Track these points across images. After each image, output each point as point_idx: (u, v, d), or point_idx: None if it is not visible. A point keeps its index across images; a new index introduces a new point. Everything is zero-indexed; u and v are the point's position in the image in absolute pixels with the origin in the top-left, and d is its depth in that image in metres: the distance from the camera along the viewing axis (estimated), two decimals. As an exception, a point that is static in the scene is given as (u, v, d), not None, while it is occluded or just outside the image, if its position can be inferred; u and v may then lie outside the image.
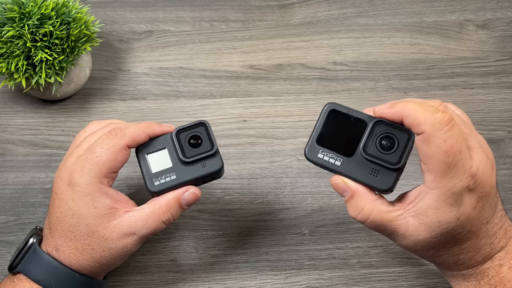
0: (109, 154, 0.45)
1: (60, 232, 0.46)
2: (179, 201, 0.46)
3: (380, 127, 0.42)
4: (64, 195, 0.45)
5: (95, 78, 0.69)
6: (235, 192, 0.61)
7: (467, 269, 0.44)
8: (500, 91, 0.69)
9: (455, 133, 0.38)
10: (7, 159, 0.63)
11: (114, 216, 0.45)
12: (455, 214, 0.40)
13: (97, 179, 0.45)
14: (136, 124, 0.47)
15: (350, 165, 0.43)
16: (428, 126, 0.38)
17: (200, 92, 0.68)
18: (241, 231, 0.59)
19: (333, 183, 0.44)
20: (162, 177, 0.46)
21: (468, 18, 0.75)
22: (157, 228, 0.46)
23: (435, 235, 0.41)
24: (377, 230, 0.43)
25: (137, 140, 0.46)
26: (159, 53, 0.71)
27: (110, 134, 0.46)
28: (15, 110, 0.67)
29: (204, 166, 0.47)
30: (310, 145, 0.44)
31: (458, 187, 0.39)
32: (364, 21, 0.74)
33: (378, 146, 0.42)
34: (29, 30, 0.58)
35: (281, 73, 0.70)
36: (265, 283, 0.56)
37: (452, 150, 0.38)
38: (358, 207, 0.42)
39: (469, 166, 0.39)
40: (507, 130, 0.66)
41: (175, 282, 0.56)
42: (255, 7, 0.75)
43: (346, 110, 0.44)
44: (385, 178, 0.42)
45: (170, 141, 0.47)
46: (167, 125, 0.48)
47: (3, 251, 0.57)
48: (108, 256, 0.46)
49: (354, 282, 0.56)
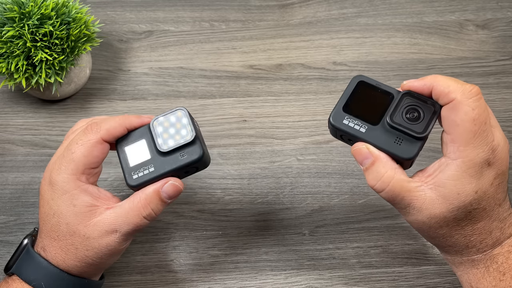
0: (84, 150, 0.44)
1: (45, 232, 0.45)
2: (159, 194, 0.44)
3: (407, 99, 0.43)
4: (46, 194, 0.45)
5: (95, 78, 0.69)
6: (235, 192, 0.61)
7: (477, 254, 0.44)
8: (500, 91, 0.69)
9: (483, 104, 0.40)
10: (7, 159, 0.63)
11: (95, 213, 0.44)
12: (474, 187, 0.40)
13: (74, 176, 0.44)
14: (113, 117, 0.46)
15: (375, 133, 0.43)
16: (459, 94, 0.40)
17: (200, 92, 0.68)
18: (241, 231, 0.59)
19: (355, 149, 0.43)
20: (141, 170, 0.44)
21: (468, 18, 0.75)
22: (138, 224, 0.44)
23: (451, 209, 0.41)
24: (393, 200, 0.43)
25: (113, 133, 0.45)
26: (159, 53, 0.71)
27: (85, 130, 0.45)
28: (15, 110, 0.67)
29: (182, 155, 0.44)
30: (336, 112, 0.44)
31: (480, 158, 0.40)
32: (364, 21, 0.74)
33: (404, 116, 0.43)
34: (29, 30, 0.58)
35: (281, 73, 0.70)
36: (265, 283, 0.56)
37: (479, 118, 0.40)
38: (379, 174, 0.42)
39: (491, 140, 0.40)
40: (507, 130, 0.66)
41: (175, 282, 0.56)
42: (255, 7, 0.75)
43: (375, 83, 0.45)
44: (409, 147, 0.42)
45: (148, 131, 0.45)
46: (146, 116, 0.47)
47: (3, 251, 0.57)
48: (93, 255, 0.45)
49: (354, 282, 0.56)
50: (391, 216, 0.60)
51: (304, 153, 0.64)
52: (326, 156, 0.63)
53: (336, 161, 0.63)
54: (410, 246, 0.58)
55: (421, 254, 0.58)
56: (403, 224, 0.59)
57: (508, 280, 0.43)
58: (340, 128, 0.44)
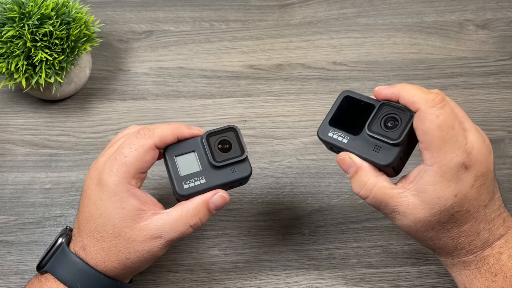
0: (137, 154, 0.45)
1: (88, 231, 0.46)
2: (208, 205, 0.46)
3: (385, 109, 0.45)
4: (93, 194, 0.45)
5: (95, 78, 0.69)
6: (235, 192, 0.61)
7: (467, 255, 0.44)
8: (500, 91, 0.69)
9: (447, 110, 0.41)
10: (7, 159, 0.63)
11: (142, 218, 0.45)
12: (453, 190, 0.41)
13: (125, 179, 0.45)
14: (165, 124, 0.47)
15: (356, 142, 0.45)
16: (422, 104, 0.41)
17: (200, 92, 0.68)
18: (241, 231, 0.59)
19: (339, 159, 0.46)
20: (192, 181, 0.46)
21: (468, 18, 0.75)
22: (184, 232, 0.46)
23: (434, 213, 0.42)
24: (378, 206, 0.45)
25: (165, 140, 0.46)
26: (159, 53, 0.71)
27: (138, 134, 0.46)
28: (15, 110, 0.67)
29: (234, 171, 0.46)
30: (323, 126, 0.47)
31: (454, 162, 0.41)
32: (364, 21, 0.74)
33: (382, 125, 0.45)
34: (29, 30, 0.58)
35: (281, 73, 0.70)
36: (265, 283, 0.56)
37: (445, 124, 0.41)
38: (362, 181, 0.44)
39: (464, 143, 0.41)
40: (507, 130, 0.66)
41: (175, 282, 0.56)
42: (255, 7, 0.75)
43: (359, 96, 0.47)
44: (386, 154, 0.44)
45: (200, 144, 0.47)
46: (196, 128, 0.48)
47: (3, 251, 0.57)
48: (134, 258, 0.45)
49: (354, 282, 0.56)
50: (391, 216, 0.60)
51: (304, 153, 0.64)
52: (326, 156, 0.63)
53: (336, 161, 0.63)
54: (410, 246, 0.58)
55: (421, 254, 0.58)
56: (403, 224, 0.59)
57: (500, 281, 0.43)
58: (326, 140, 0.47)
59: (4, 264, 0.57)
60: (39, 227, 0.59)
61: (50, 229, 0.59)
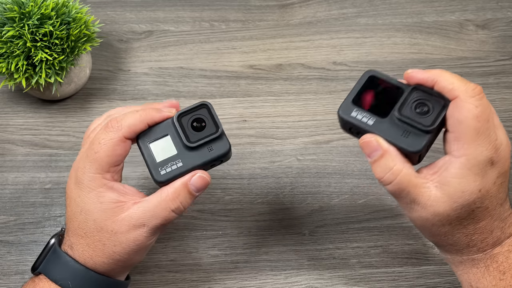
0: (107, 149, 0.44)
1: (73, 230, 0.46)
2: (187, 187, 0.45)
3: (416, 93, 0.43)
4: (72, 193, 0.46)
5: (95, 78, 0.69)
6: (235, 192, 0.61)
7: (477, 253, 0.44)
8: (500, 91, 0.69)
9: (485, 102, 0.40)
10: (7, 159, 0.63)
11: (122, 209, 0.45)
12: (478, 185, 0.40)
13: (99, 175, 0.45)
14: (133, 113, 0.46)
15: (382, 125, 0.43)
16: (462, 92, 0.40)
17: (200, 92, 0.68)
18: (241, 231, 0.59)
19: (364, 141, 0.43)
20: (168, 166, 0.45)
21: (468, 18, 0.75)
22: (166, 217, 0.45)
23: (455, 207, 0.41)
24: (399, 194, 0.43)
25: (135, 130, 0.45)
26: (159, 53, 0.71)
27: (106, 128, 0.45)
28: (15, 110, 0.67)
29: (211, 149, 0.45)
30: (345, 104, 0.44)
31: (484, 156, 0.40)
32: (364, 21, 0.74)
33: (413, 110, 0.43)
34: (29, 30, 0.58)
35: (281, 73, 0.70)
36: (265, 283, 0.56)
37: (482, 116, 0.40)
38: (388, 166, 0.42)
39: (494, 138, 0.41)
40: (507, 130, 0.66)
41: (175, 282, 0.56)
42: (255, 7, 0.75)
43: (385, 77, 0.45)
44: (416, 140, 0.42)
45: (172, 126, 0.45)
46: (166, 110, 0.46)
47: (3, 251, 0.57)
48: (120, 250, 0.45)
49: (354, 282, 0.56)
50: (391, 216, 0.60)
51: (304, 153, 0.64)
52: (326, 156, 0.63)
53: (336, 161, 0.63)
54: (410, 246, 0.58)
55: (421, 254, 0.58)
56: (403, 224, 0.59)
57: (508, 279, 0.43)
58: (348, 120, 0.44)
59: (4, 264, 0.57)
60: (39, 227, 0.59)
61: (50, 229, 0.59)
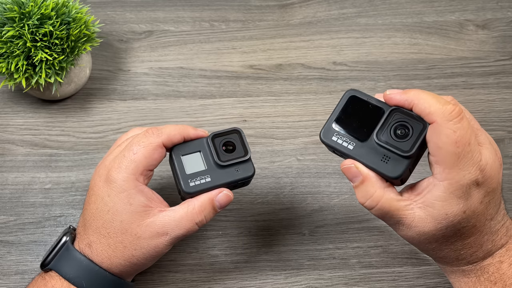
0: (145, 152, 0.46)
1: (94, 228, 0.46)
2: (213, 203, 0.47)
3: (396, 115, 0.42)
4: (101, 191, 0.46)
5: (95, 78, 0.69)
6: (235, 192, 0.61)
7: (467, 265, 0.44)
8: (500, 91, 0.69)
9: (465, 125, 0.39)
10: (7, 159, 0.63)
11: (148, 214, 0.46)
12: (462, 207, 0.40)
13: (133, 176, 0.45)
14: (172, 125, 0.48)
15: (362, 150, 0.43)
16: (439, 116, 0.39)
17: (200, 92, 0.68)
18: (241, 231, 0.59)
19: (344, 167, 0.43)
20: (197, 179, 0.47)
21: (468, 18, 0.75)
22: (189, 229, 0.46)
23: (440, 228, 0.41)
24: (383, 218, 0.43)
25: (173, 140, 0.47)
26: (159, 53, 0.71)
27: (147, 133, 0.47)
28: (15, 110, 0.67)
29: (237, 170, 0.48)
30: (326, 127, 0.45)
31: (467, 180, 0.39)
32: (364, 21, 0.74)
33: (392, 133, 0.42)
34: (29, 30, 0.58)
35: (281, 73, 0.70)
36: (265, 283, 0.56)
37: (461, 140, 0.39)
38: (368, 193, 0.42)
39: (478, 160, 0.39)
40: (507, 130, 0.66)
41: (175, 282, 0.56)
42: (255, 7, 0.75)
43: (366, 97, 0.44)
44: (396, 165, 0.42)
45: (206, 145, 0.48)
46: (201, 130, 0.49)
47: (3, 251, 0.57)
48: (140, 255, 0.46)
49: (354, 282, 0.56)
50: (391, 216, 0.60)
51: (304, 153, 0.64)
52: (326, 156, 0.63)
53: (336, 161, 0.63)
54: (410, 246, 0.58)
55: (421, 254, 0.58)
56: (403, 224, 0.59)
57: None
58: (329, 144, 0.44)
59: (4, 264, 0.57)
60: (39, 227, 0.59)
61: (50, 229, 0.59)
